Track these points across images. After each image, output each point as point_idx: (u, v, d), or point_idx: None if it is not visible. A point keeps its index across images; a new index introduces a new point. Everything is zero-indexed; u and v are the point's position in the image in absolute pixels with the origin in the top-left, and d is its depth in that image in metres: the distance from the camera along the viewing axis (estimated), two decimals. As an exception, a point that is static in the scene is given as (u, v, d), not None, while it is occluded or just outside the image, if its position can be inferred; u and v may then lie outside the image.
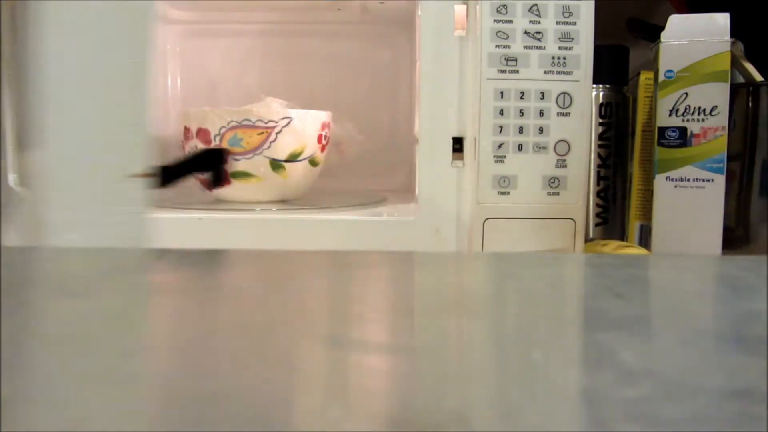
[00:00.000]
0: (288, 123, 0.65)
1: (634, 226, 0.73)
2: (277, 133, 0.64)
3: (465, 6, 0.61)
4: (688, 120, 0.66)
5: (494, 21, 0.59)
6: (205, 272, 0.23)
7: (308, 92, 0.98)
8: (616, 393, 0.12)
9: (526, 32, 0.59)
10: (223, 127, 0.64)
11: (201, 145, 0.65)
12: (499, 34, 0.59)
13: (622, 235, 0.75)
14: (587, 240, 0.73)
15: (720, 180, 0.65)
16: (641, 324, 0.17)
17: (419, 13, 0.64)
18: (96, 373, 0.13)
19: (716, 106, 0.65)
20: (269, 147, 0.64)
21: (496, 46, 0.59)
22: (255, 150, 0.64)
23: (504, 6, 0.59)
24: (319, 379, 0.13)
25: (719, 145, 0.65)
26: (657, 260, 0.26)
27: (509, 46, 0.59)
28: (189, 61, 0.99)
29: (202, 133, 0.65)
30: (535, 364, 0.14)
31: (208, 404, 0.12)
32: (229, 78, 0.99)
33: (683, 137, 0.66)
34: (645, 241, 0.72)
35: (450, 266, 0.25)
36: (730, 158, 0.66)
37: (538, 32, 0.59)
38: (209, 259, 0.26)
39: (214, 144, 0.64)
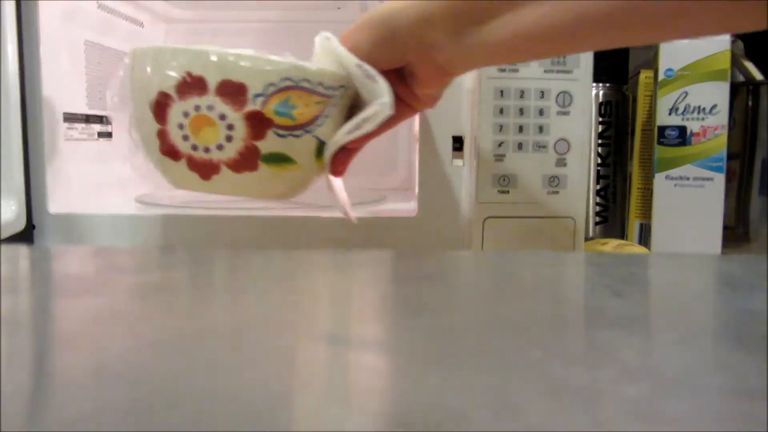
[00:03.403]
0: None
1: (633, 225, 0.73)
2: (334, 106, 0.46)
3: (465, 5, 0.61)
4: (687, 119, 0.66)
5: (494, 20, 0.59)
6: (204, 271, 0.23)
7: (308, 91, 0.97)
8: (616, 391, 0.12)
9: (525, 31, 0.59)
10: (272, 85, 0.43)
11: (224, 107, 0.43)
12: (498, 33, 0.59)
13: (621, 234, 0.75)
14: (587, 239, 0.73)
15: (720, 179, 0.65)
16: (641, 323, 0.17)
17: (419, 12, 0.64)
18: (96, 372, 0.13)
19: (716, 105, 0.65)
20: (322, 123, 0.45)
21: (496, 45, 0.59)
22: (305, 125, 0.45)
23: (504, 5, 0.59)
24: (318, 378, 0.13)
25: (719, 144, 0.65)
26: (657, 259, 0.26)
27: (509, 45, 0.59)
28: (189, 60, 0.99)
29: (229, 87, 0.43)
30: (536, 363, 0.14)
31: (207, 403, 0.12)
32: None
33: (683, 136, 0.66)
34: (644, 239, 0.72)
35: (450, 265, 0.25)
36: (729, 157, 0.66)
37: (538, 31, 0.59)
38: (209, 259, 0.26)
39: (250, 108, 0.43)
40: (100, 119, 0.77)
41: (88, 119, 0.74)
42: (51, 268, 0.25)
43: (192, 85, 0.43)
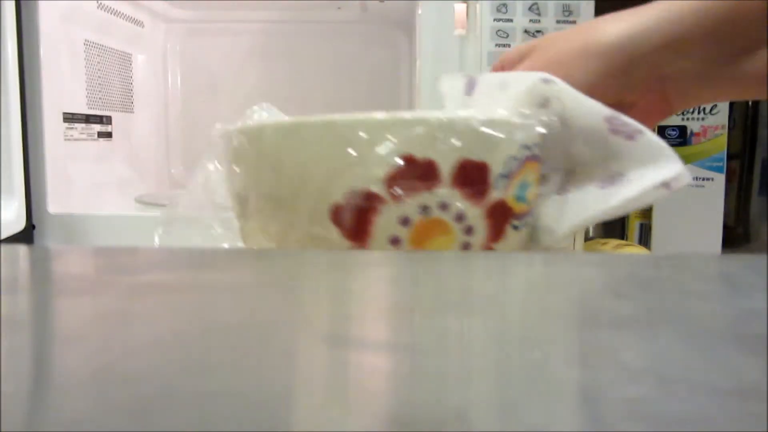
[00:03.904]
0: None
1: (633, 225, 0.73)
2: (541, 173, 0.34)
3: (465, 5, 0.61)
4: (688, 119, 0.66)
5: (494, 20, 0.59)
6: (205, 272, 0.23)
7: (308, 91, 0.98)
8: (617, 392, 0.12)
9: (526, 31, 0.59)
10: (514, 159, 0.30)
11: (462, 203, 0.29)
12: (499, 33, 0.59)
13: (621, 234, 0.75)
14: (587, 238, 0.73)
15: (720, 179, 0.65)
16: (641, 323, 0.17)
17: (419, 13, 0.64)
18: (96, 372, 0.13)
19: (716, 105, 0.65)
20: (539, 201, 0.34)
21: (497, 45, 0.59)
22: (533, 209, 0.33)
23: (504, 5, 0.59)
24: (319, 378, 0.13)
25: (719, 144, 0.65)
26: (657, 259, 0.26)
27: (509, 45, 0.59)
28: (189, 60, 0.99)
29: (469, 171, 0.29)
30: (536, 364, 0.14)
31: (208, 404, 0.12)
32: (230, 77, 0.99)
33: (683, 136, 0.66)
34: (645, 239, 0.72)
35: (450, 265, 0.25)
36: (730, 157, 0.66)
37: (539, 31, 0.59)
38: (209, 259, 0.26)
39: (493, 197, 0.30)
40: (100, 119, 0.77)
41: (88, 119, 0.74)
42: (51, 268, 0.25)
43: (416, 174, 0.28)
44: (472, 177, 0.29)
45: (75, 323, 0.17)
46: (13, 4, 0.58)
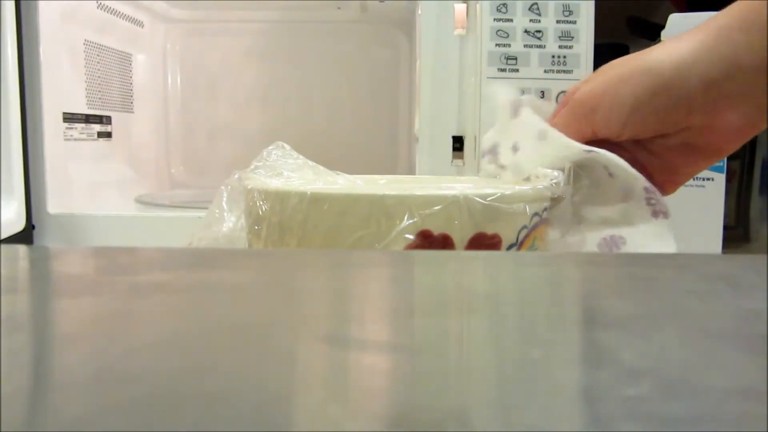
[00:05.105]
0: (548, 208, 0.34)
1: (634, 225, 0.73)
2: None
3: (465, 5, 0.61)
4: (688, 119, 0.66)
5: (494, 20, 0.59)
6: (205, 272, 0.23)
7: (308, 91, 0.98)
8: (616, 392, 0.12)
9: (526, 31, 0.59)
10: (524, 228, 0.31)
11: None
12: (499, 32, 0.59)
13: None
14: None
15: (720, 179, 0.65)
16: (641, 323, 0.17)
17: (419, 13, 0.64)
18: (96, 372, 0.13)
19: (716, 105, 0.65)
20: None
21: (497, 44, 0.59)
22: None
23: (504, 5, 0.59)
24: (319, 378, 0.13)
25: (719, 144, 0.65)
26: (657, 259, 0.26)
27: (509, 45, 0.59)
28: (189, 60, 0.99)
29: (481, 245, 0.31)
30: (535, 363, 0.14)
31: (207, 404, 0.12)
32: (230, 77, 0.99)
33: (683, 136, 0.66)
34: (645, 239, 0.71)
35: (450, 265, 0.25)
36: (730, 157, 0.66)
37: (539, 31, 0.59)
38: (209, 259, 0.26)
39: None
40: (100, 119, 0.77)
41: (87, 119, 0.74)
42: (51, 268, 0.25)
43: (431, 247, 0.29)
44: (484, 249, 0.30)
45: (75, 323, 0.17)
46: (13, 4, 0.58)
